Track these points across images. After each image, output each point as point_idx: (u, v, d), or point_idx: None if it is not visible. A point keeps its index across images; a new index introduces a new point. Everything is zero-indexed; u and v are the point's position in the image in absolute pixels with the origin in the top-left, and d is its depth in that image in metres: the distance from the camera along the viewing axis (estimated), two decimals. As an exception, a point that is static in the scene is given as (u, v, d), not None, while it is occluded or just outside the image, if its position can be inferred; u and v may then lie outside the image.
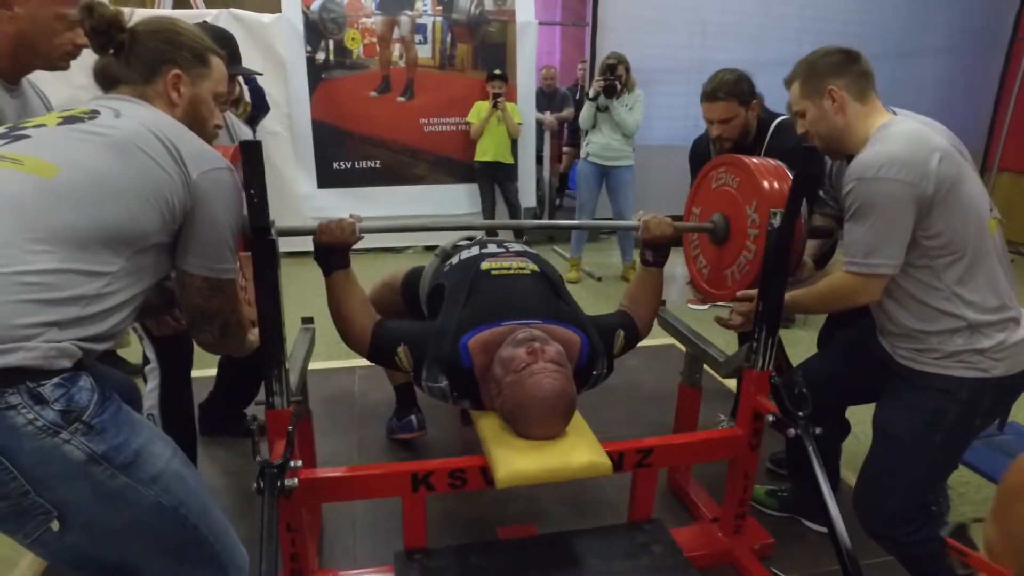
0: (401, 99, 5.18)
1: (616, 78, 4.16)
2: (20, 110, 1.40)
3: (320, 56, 4.96)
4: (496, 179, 5.21)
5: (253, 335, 1.42)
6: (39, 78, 1.49)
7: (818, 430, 1.48)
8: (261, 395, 1.44)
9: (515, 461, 1.44)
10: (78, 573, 1.07)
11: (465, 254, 1.95)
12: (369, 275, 2.30)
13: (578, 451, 1.49)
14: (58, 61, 1.39)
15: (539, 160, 6.47)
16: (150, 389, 1.87)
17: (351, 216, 1.62)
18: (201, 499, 1.10)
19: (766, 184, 1.62)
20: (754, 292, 1.66)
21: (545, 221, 4.95)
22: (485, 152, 5.06)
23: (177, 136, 1.11)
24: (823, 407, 1.64)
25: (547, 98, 6.10)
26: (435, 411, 2.38)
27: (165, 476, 1.03)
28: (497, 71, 4.97)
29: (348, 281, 1.65)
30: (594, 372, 1.69)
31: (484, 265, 1.82)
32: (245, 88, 4.37)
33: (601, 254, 5.51)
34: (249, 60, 4.54)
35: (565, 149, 6.46)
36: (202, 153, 1.13)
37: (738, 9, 4.86)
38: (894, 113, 1.51)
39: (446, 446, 2.37)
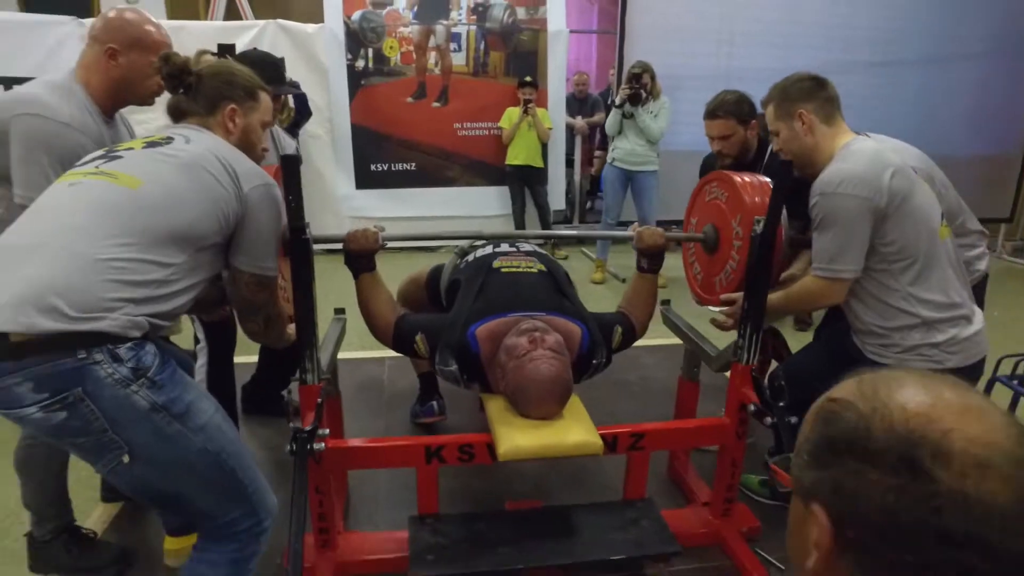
0: (436, 104, 5.41)
1: (641, 86, 4.30)
2: (114, 137, 1.70)
3: (360, 63, 5.23)
4: (526, 182, 5.39)
5: (291, 329, 1.67)
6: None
7: (793, 419, 1.62)
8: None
9: (515, 438, 1.62)
10: (144, 503, 1.30)
11: (480, 252, 2.14)
12: (404, 271, 2.52)
13: (573, 431, 1.66)
14: (147, 99, 1.72)
15: (570, 164, 6.63)
16: (199, 366, 2.12)
17: (375, 226, 1.82)
18: (238, 449, 1.32)
19: (747, 199, 1.77)
20: (736, 295, 1.82)
21: (544, 231, 5.15)
22: (516, 156, 5.24)
23: (233, 158, 1.37)
24: (806, 400, 1.78)
25: (579, 103, 6.26)
26: (455, 399, 2.58)
27: (209, 427, 1.26)
28: (528, 78, 5.16)
29: (374, 281, 1.86)
30: (594, 361, 1.85)
31: (495, 263, 2.01)
32: (289, 95, 4.66)
33: (626, 256, 5.60)
34: (293, 67, 4.86)
35: (596, 153, 6.60)
36: (252, 172, 1.39)
37: (765, 18, 4.92)
38: (868, 135, 1.65)
39: (463, 429, 2.56)
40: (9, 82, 4.60)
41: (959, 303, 1.56)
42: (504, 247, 2.15)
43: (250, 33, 5.00)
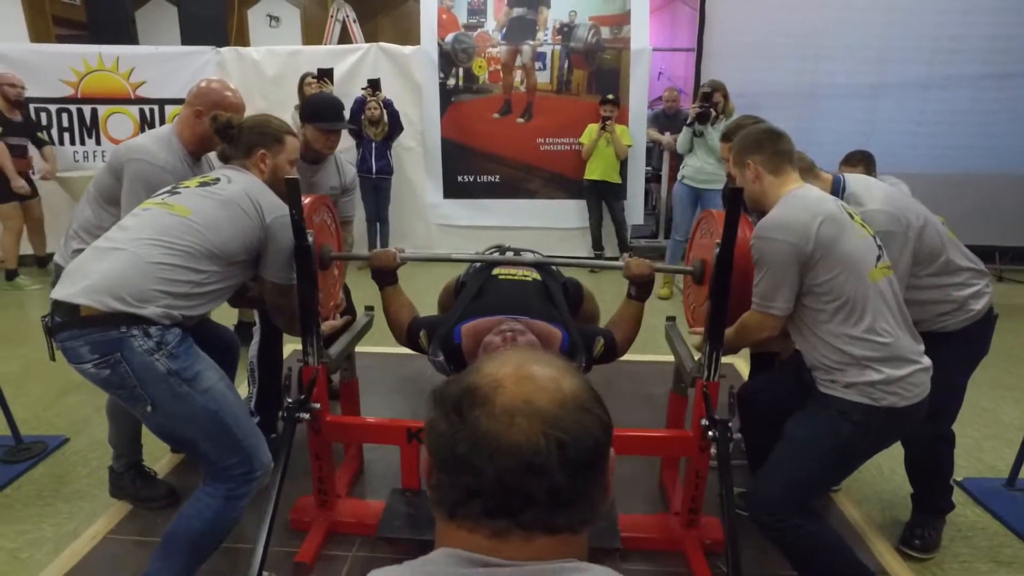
0: (520, 120, 5.69)
1: (712, 105, 4.31)
2: (198, 174, 2.09)
3: (451, 82, 5.62)
4: (603, 197, 5.52)
5: (327, 325, 2.02)
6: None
7: (736, 435, 1.71)
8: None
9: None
10: (167, 443, 1.68)
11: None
12: (425, 278, 2.80)
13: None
14: (215, 147, 2.12)
15: (657, 179, 6.66)
16: (254, 343, 2.53)
17: (395, 248, 2.15)
18: (236, 411, 1.65)
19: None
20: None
21: (538, 258, 5.28)
22: (593, 171, 5.40)
23: (260, 195, 1.77)
24: (770, 419, 1.84)
25: (668, 119, 6.28)
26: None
27: (213, 391, 1.60)
28: (610, 96, 5.30)
29: (395, 293, 2.17)
30: (574, 363, 2.01)
31: (496, 271, 2.23)
32: (385, 111, 5.15)
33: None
34: (390, 85, 5.37)
35: (683, 169, 6.56)
36: (274, 205, 1.78)
37: (858, 31, 4.71)
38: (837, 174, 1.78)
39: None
40: (165, 103, 5.47)
41: (891, 343, 1.58)
42: (510, 255, 2.36)
43: (355, 55, 5.56)
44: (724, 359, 1.83)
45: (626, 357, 3.52)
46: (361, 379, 2.43)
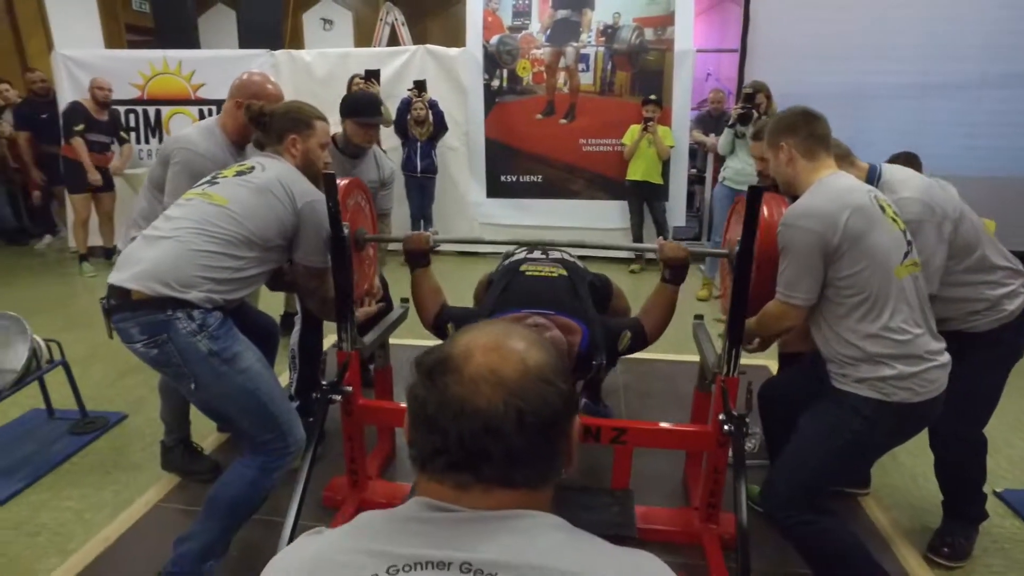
0: (563, 121, 5.74)
1: (754, 106, 4.27)
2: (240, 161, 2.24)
3: (495, 83, 5.72)
4: (645, 198, 5.52)
5: (360, 311, 2.11)
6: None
7: (753, 430, 1.73)
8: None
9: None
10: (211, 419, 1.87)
11: (516, 257, 2.44)
12: (457, 273, 2.88)
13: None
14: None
15: (701, 181, 6.61)
16: (295, 332, 2.67)
17: (429, 231, 2.21)
18: (271, 389, 1.76)
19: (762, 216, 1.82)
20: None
21: (543, 239, 5.23)
22: (635, 172, 5.40)
23: (292, 181, 1.84)
24: (790, 416, 1.85)
25: (714, 121, 6.22)
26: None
27: (250, 371, 1.72)
28: (652, 96, 5.30)
29: (426, 276, 2.22)
30: (594, 362, 2.06)
31: (523, 267, 2.29)
32: (430, 112, 5.29)
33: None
34: (437, 86, 5.52)
35: (728, 171, 6.49)
36: (305, 191, 1.84)
37: (903, 30, 4.59)
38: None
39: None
40: (222, 103, 5.74)
41: (907, 341, 1.56)
42: (537, 254, 2.42)
43: (403, 57, 5.72)
44: (756, 360, 1.83)
45: (659, 356, 3.60)
46: (400, 370, 2.53)
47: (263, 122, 1.97)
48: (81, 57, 5.69)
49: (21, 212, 6.68)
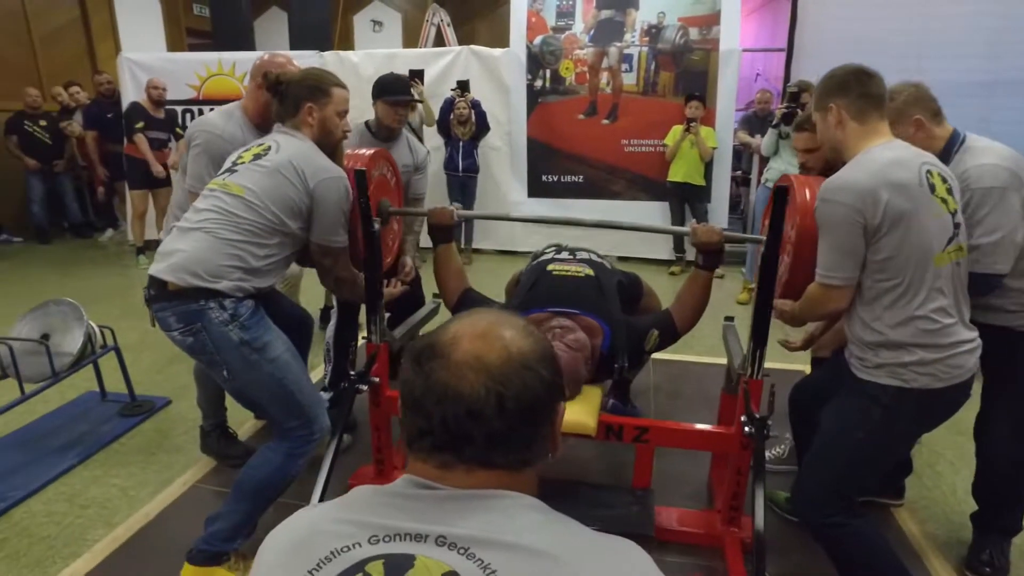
0: (605, 121, 5.72)
1: (799, 106, 4.17)
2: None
3: (538, 83, 5.75)
4: (686, 199, 5.45)
5: (386, 292, 2.13)
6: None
7: (771, 433, 1.71)
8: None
9: (521, 410, 1.92)
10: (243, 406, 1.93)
11: (545, 256, 2.46)
12: (494, 272, 2.89)
13: (571, 413, 1.90)
14: None
15: (746, 183, 6.48)
16: (331, 325, 2.75)
17: (452, 205, 2.21)
18: (298, 378, 1.82)
19: (799, 198, 1.76)
20: (783, 302, 1.81)
21: (570, 217, 5.08)
22: (676, 173, 5.34)
23: (304, 160, 1.80)
24: (815, 419, 1.80)
25: (760, 121, 6.09)
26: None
27: (279, 360, 1.78)
28: (696, 93, 5.23)
29: (449, 252, 2.24)
30: (616, 364, 2.06)
31: (550, 266, 2.32)
32: (473, 112, 5.35)
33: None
34: (479, 87, 5.59)
35: (775, 172, 6.35)
36: (318, 169, 1.81)
37: (962, 26, 4.38)
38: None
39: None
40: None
41: (934, 330, 1.49)
42: (564, 254, 2.44)
43: (447, 58, 5.81)
44: (793, 364, 1.76)
45: (692, 358, 3.56)
46: None
47: (280, 91, 1.91)
48: (143, 60, 5.98)
49: (87, 207, 7.07)
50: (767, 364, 3.12)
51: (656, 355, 3.48)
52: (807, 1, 4.62)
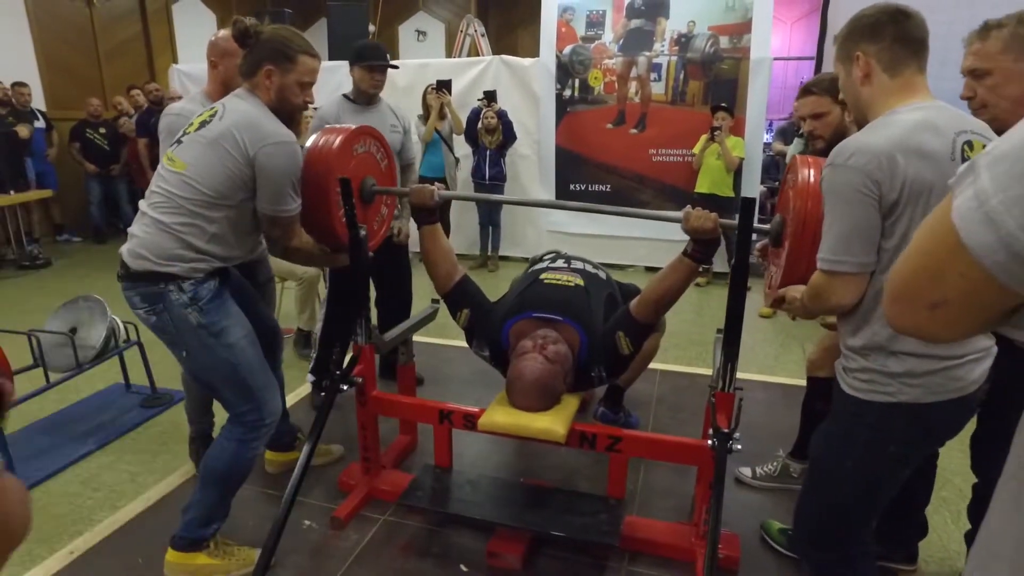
0: (633, 131, 5.70)
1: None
2: None
3: (567, 93, 5.78)
4: (713, 211, 5.34)
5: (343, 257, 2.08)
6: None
7: (737, 447, 1.70)
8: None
9: (495, 414, 1.97)
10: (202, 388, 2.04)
11: (539, 265, 2.51)
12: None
13: (542, 420, 1.93)
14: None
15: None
16: (323, 311, 2.82)
17: (434, 184, 2.14)
18: (252, 364, 1.85)
19: (802, 179, 1.58)
20: (783, 291, 1.60)
21: (553, 200, 4.94)
22: (702, 184, 5.27)
23: (247, 128, 1.71)
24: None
25: (796, 130, 5.97)
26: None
27: (235, 346, 1.82)
28: (723, 104, 5.16)
29: (434, 233, 2.16)
30: (592, 374, 2.08)
31: (543, 275, 2.35)
32: (500, 121, 5.43)
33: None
34: (509, 96, 5.66)
35: (813, 183, 6.19)
36: (260, 136, 1.71)
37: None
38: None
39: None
40: (312, 109, 6.18)
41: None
42: (560, 263, 2.47)
43: (478, 67, 5.90)
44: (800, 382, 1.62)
45: (697, 370, 3.51)
46: (440, 369, 2.65)
47: (248, 43, 1.81)
48: (192, 71, 6.31)
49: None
50: (779, 379, 3.08)
51: (662, 366, 3.51)
52: (837, 9, 4.51)
